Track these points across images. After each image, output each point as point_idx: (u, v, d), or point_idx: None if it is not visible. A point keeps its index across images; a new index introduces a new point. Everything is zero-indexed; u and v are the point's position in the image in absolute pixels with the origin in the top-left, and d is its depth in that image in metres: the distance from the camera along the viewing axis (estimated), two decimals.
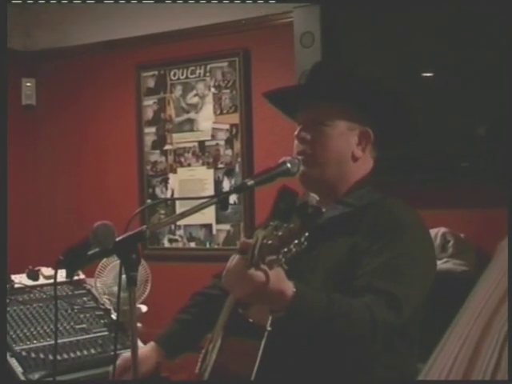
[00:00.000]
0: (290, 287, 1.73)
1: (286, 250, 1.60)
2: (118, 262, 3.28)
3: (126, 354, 2.22)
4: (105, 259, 3.26)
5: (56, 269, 1.62)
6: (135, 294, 1.59)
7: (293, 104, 2.11)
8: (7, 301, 3.11)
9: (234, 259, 1.75)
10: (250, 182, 1.87)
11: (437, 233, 3.10)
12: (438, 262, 3.03)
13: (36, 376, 2.79)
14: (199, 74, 4.02)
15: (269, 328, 1.84)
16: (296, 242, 1.59)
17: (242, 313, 1.90)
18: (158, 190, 4.16)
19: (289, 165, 1.95)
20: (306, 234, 1.59)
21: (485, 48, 2.96)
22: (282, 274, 1.71)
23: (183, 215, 1.78)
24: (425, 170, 3.13)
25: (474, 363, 0.90)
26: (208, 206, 1.80)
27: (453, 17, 3.06)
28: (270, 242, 1.61)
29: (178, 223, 4.04)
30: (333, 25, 3.37)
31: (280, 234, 1.60)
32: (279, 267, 1.67)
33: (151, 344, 2.39)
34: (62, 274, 3.41)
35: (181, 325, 2.39)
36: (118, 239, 1.63)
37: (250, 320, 1.89)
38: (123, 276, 3.26)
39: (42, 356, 2.90)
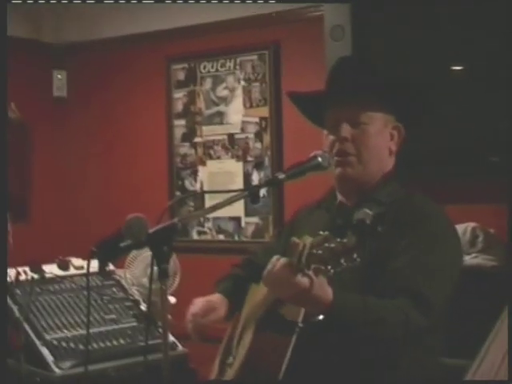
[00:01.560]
0: (329, 294, 1.77)
1: (335, 263, 1.63)
2: (148, 253, 3.33)
3: (198, 299, 2.20)
4: (134, 251, 3.29)
5: (89, 260, 1.64)
6: (167, 286, 1.61)
7: (321, 105, 2.10)
8: (39, 291, 3.16)
9: (280, 261, 1.76)
10: (281, 176, 1.87)
11: (466, 228, 3.08)
12: (467, 258, 3.02)
13: (67, 364, 2.83)
14: (229, 67, 4.03)
15: (300, 324, 1.86)
16: (348, 257, 1.61)
17: (280, 311, 1.92)
18: (187, 183, 4.18)
19: (320, 159, 1.94)
20: (358, 251, 1.61)
21: None
22: (324, 282, 1.75)
23: (215, 208, 1.80)
24: (453, 164, 3.11)
25: None
26: (239, 199, 1.81)
27: (482, 9, 3.03)
28: (319, 252, 1.64)
29: (207, 216, 4.06)
30: (363, 18, 3.35)
31: (332, 246, 1.62)
32: (323, 276, 1.71)
33: (218, 296, 2.28)
34: (91, 265, 3.49)
35: (239, 282, 2.31)
36: (150, 231, 1.65)
37: (283, 316, 1.90)
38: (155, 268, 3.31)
39: (72, 345, 2.94)
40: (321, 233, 1.66)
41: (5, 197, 1.62)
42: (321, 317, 1.80)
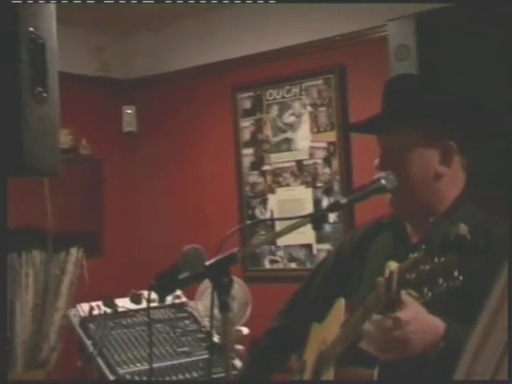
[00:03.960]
0: (439, 322, 1.65)
1: (433, 285, 1.48)
2: None
3: None
4: (205, 281, 3.27)
5: (149, 293, 1.61)
6: (228, 318, 1.56)
7: (373, 132, 2.04)
8: (112, 325, 3.16)
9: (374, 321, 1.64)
10: (344, 201, 1.80)
11: None
12: None
13: None
14: (295, 92, 4.00)
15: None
16: (448, 276, 1.46)
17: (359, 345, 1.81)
18: (257, 211, 4.15)
19: (383, 181, 1.86)
20: (460, 269, 1.46)
21: None
22: (421, 309, 1.62)
23: (277, 235, 1.77)
24: None
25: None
26: (302, 225, 1.75)
27: None
28: (413, 275, 1.50)
29: (279, 244, 4.02)
30: (428, 37, 3.28)
31: (427, 268, 1.48)
32: (416, 302, 1.58)
33: None
34: (168, 299, 3.48)
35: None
36: (208, 263, 1.61)
37: (364, 348, 1.81)
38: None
39: (145, 379, 2.92)
40: (410, 255, 1.52)
41: (5, 197, 1.63)
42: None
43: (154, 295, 3.32)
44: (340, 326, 1.89)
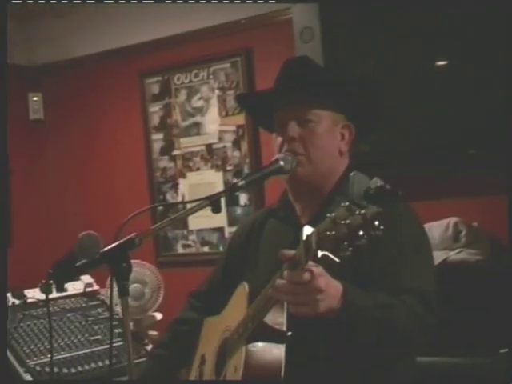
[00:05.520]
0: (339, 284, 1.69)
1: (353, 238, 1.47)
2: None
3: None
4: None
5: (47, 282, 1.59)
6: (128, 304, 1.56)
7: (270, 107, 2.05)
8: (21, 316, 3.10)
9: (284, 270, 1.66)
10: (241, 183, 1.82)
11: (448, 223, 3.03)
12: (451, 253, 2.97)
13: None
14: (203, 76, 3.99)
15: (289, 333, 1.79)
16: (369, 227, 1.45)
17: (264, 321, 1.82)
18: (168, 196, 4.14)
19: (282, 162, 1.89)
20: (380, 219, 1.45)
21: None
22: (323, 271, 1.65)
23: (174, 220, 1.75)
24: (430, 159, 3.08)
25: None
26: (200, 209, 1.76)
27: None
28: (332, 233, 1.49)
29: (191, 228, 4.03)
30: (332, 18, 3.32)
31: (348, 222, 1.46)
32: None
33: None
34: (74, 286, 3.44)
35: (157, 361, 2.29)
36: (106, 249, 1.60)
37: (269, 324, 1.82)
38: (134, 285, 3.24)
39: (56, 370, 2.88)
40: (328, 215, 1.51)
41: (7, 201, 1.59)
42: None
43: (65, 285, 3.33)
44: (249, 307, 1.90)
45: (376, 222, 1.45)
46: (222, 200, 1.77)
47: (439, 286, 1.91)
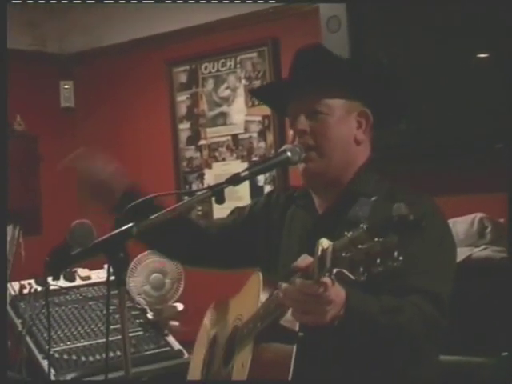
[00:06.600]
0: (342, 290, 1.64)
1: (370, 264, 1.44)
2: (149, 260, 3.28)
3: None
4: (138, 257, 3.24)
5: (45, 270, 1.58)
6: (125, 295, 1.54)
7: (282, 98, 1.99)
8: (43, 303, 3.12)
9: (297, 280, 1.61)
10: (244, 173, 1.79)
11: (474, 218, 2.96)
12: (476, 250, 2.91)
13: (68, 377, 2.79)
14: (230, 66, 3.97)
15: (300, 333, 1.75)
16: (387, 257, 1.41)
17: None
18: (194, 187, 4.13)
19: (289, 153, 1.84)
20: (400, 249, 1.41)
21: None
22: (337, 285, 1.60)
23: (175, 210, 1.73)
24: (457, 153, 3.01)
25: None
26: (203, 199, 1.74)
27: None
28: (348, 254, 1.45)
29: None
30: (359, 7, 3.27)
31: (366, 247, 1.43)
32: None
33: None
34: (98, 275, 3.45)
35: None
36: (103, 238, 1.58)
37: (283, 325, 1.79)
38: (155, 275, 3.23)
39: (74, 357, 2.90)
40: (346, 234, 1.47)
41: (5, 198, 1.60)
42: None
43: (88, 272, 3.34)
44: (261, 305, 1.86)
45: (395, 253, 1.40)
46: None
47: (462, 282, 1.86)
